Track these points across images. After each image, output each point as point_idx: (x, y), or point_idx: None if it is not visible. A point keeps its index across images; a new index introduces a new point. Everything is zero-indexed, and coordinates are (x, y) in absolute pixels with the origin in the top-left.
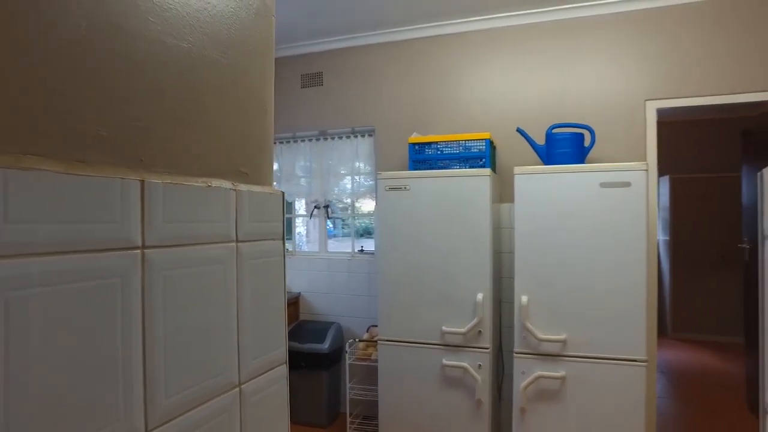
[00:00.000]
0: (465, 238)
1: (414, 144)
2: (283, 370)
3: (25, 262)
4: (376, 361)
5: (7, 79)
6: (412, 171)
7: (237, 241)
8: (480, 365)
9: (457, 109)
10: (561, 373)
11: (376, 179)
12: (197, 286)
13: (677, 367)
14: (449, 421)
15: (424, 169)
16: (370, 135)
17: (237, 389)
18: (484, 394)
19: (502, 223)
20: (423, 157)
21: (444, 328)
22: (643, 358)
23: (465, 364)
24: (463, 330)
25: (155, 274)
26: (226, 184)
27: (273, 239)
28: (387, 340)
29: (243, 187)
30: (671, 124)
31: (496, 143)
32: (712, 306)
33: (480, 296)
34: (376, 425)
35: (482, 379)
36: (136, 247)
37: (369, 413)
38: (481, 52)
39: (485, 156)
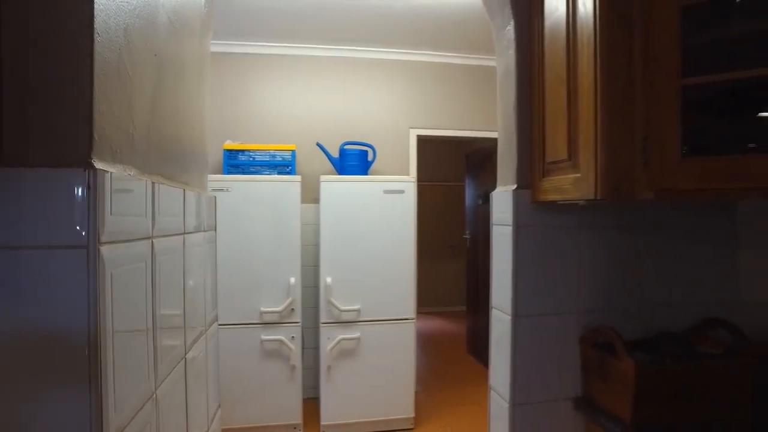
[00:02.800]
0: (279, 233)
1: (229, 150)
2: (216, 325)
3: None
4: None
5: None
6: (233, 175)
7: (204, 230)
8: (293, 337)
9: (266, 121)
10: (357, 335)
11: None
12: (198, 258)
13: (424, 332)
14: (268, 387)
15: (238, 173)
16: None
17: (205, 335)
18: (297, 360)
19: (304, 220)
20: (237, 162)
21: (262, 308)
22: (412, 317)
23: (281, 337)
24: (279, 309)
25: (188, 248)
26: (200, 191)
27: (213, 230)
28: None
29: (202, 193)
30: (423, 142)
31: (300, 153)
32: (445, 284)
33: (293, 279)
34: None
35: (295, 348)
36: (181, 233)
37: None
38: (289, 74)
39: (291, 164)
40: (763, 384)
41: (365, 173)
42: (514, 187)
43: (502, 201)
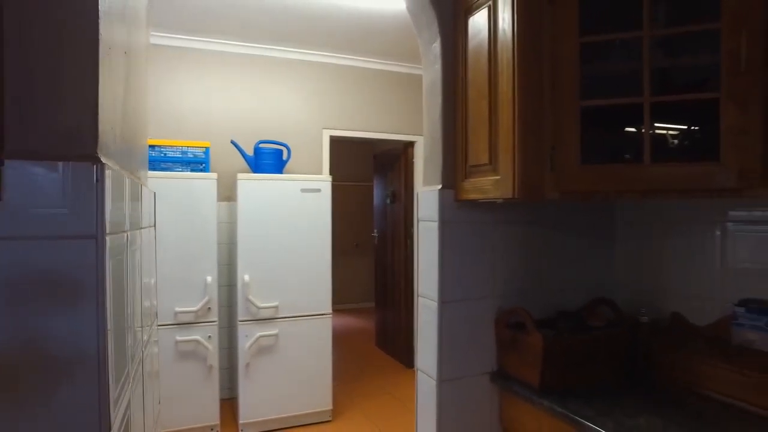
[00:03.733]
0: (195, 231)
1: None
2: (157, 321)
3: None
4: None
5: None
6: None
7: (150, 226)
8: (210, 336)
9: (178, 117)
10: (275, 331)
11: None
12: (148, 253)
13: (333, 328)
14: (184, 389)
15: (148, 169)
16: None
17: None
18: (214, 360)
19: (219, 218)
20: (148, 158)
21: (177, 308)
22: (329, 312)
23: (197, 337)
24: (195, 308)
25: (144, 243)
26: (146, 187)
27: (154, 226)
28: None
29: (148, 188)
30: (332, 142)
31: (214, 151)
32: (351, 282)
33: (209, 278)
34: None
35: (212, 348)
36: (139, 228)
37: None
38: (202, 69)
39: (205, 161)
40: (631, 347)
41: (280, 172)
42: (440, 187)
43: (429, 199)
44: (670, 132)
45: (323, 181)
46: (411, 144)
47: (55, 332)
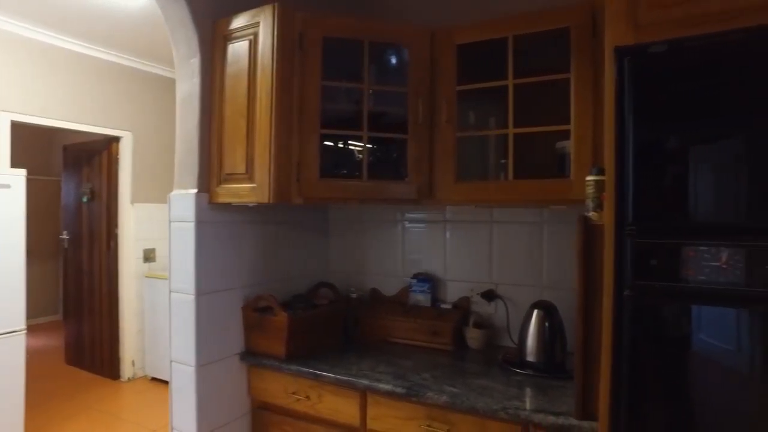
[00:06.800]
0: None
1: None
2: None
3: None
4: None
5: None
6: None
7: None
8: None
9: None
10: None
11: None
12: None
13: None
14: None
15: None
16: None
17: None
18: None
19: None
20: None
21: None
22: (23, 328)
23: None
24: None
25: None
26: None
27: None
28: None
29: None
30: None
31: None
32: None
33: None
34: None
35: None
36: None
37: None
38: None
39: None
40: (346, 316)
41: None
42: (195, 191)
43: (183, 202)
44: (380, 157)
45: (14, 176)
46: (117, 139)
47: None
